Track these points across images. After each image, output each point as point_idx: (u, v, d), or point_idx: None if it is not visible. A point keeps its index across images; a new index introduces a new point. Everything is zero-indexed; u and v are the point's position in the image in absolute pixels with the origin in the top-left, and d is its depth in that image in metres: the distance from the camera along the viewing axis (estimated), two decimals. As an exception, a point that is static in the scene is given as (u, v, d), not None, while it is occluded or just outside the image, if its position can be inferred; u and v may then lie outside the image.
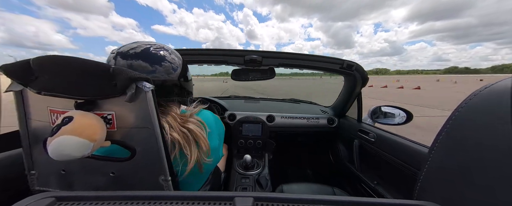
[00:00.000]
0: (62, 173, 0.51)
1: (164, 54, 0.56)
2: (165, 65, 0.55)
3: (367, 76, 1.16)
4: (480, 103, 0.32)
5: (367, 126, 1.21)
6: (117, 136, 0.46)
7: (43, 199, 0.28)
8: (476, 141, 0.31)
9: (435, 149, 0.37)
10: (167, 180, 0.47)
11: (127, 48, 0.53)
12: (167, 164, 0.47)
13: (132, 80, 0.41)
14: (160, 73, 0.54)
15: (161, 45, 0.59)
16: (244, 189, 1.04)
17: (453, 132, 0.35)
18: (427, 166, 0.37)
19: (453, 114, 0.35)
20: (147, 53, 0.53)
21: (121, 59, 0.51)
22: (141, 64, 0.52)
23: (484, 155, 0.29)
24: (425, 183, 0.38)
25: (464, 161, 0.32)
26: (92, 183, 0.51)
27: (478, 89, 0.33)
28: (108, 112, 0.45)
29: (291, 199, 0.29)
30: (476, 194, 0.29)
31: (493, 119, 0.29)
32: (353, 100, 1.36)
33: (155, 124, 0.44)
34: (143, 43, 0.56)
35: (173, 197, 0.29)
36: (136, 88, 0.42)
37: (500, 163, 0.27)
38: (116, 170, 0.48)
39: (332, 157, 1.61)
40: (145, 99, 0.43)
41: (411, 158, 0.84)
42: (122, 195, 0.29)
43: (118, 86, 0.41)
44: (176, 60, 0.59)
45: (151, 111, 0.43)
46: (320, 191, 1.06)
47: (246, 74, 1.17)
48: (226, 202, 0.28)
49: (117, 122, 0.45)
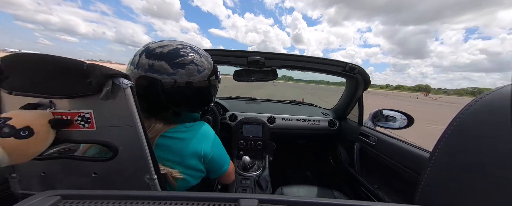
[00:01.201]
0: (43, 175, 0.49)
1: (194, 57, 0.54)
2: (190, 68, 0.53)
3: (370, 80, 1.16)
4: (481, 109, 0.32)
5: (368, 129, 1.21)
6: (97, 135, 0.44)
7: (49, 197, 0.28)
8: (477, 146, 0.31)
9: (436, 153, 0.37)
10: (153, 178, 0.46)
11: (156, 45, 0.52)
12: (152, 163, 0.45)
13: (108, 77, 0.39)
14: (180, 76, 0.52)
15: (192, 46, 0.57)
16: (244, 190, 1.04)
17: (454, 137, 0.35)
18: (428, 171, 0.37)
19: (454, 120, 0.35)
20: (175, 54, 0.52)
21: (144, 58, 0.50)
22: (163, 66, 0.50)
23: (485, 160, 0.29)
24: (426, 187, 0.38)
25: (465, 166, 0.32)
26: (74, 184, 0.50)
27: (479, 96, 0.33)
28: (85, 111, 0.43)
29: (294, 202, 0.29)
30: (477, 199, 0.29)
31: (494, 124, 0.29)
32: (354, 103, 1.36)
33: (137, 121, 0.42)
34: (175, 42, 0.55)
35: (179, 197, 0.29)
36: (112, 85, 0.40)
37: (501, 168, 0.27)
38: (99, 170, 0.47)
39: (333, 159, 1.61)
40: (123, 97, 0.41)
41: (412, 162, 0.84)
42: (127, 195, 0.29)
43: (93, 84, 0.39)
44: (205, 63, 0.57)
45: (131, 108, 0.41)
46: (320, 194, 1.06)
47: (248, 75, 1.17)
48: (231, 204, 0.28)
49: (96, 121, 0.43)
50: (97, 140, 0.45)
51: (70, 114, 0.43)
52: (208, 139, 0.61)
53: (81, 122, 0.43)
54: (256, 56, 1.05)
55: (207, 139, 0.61)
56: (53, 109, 0.43)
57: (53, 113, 0.43)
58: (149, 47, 0.52)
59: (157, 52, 0.51)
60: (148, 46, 0.53)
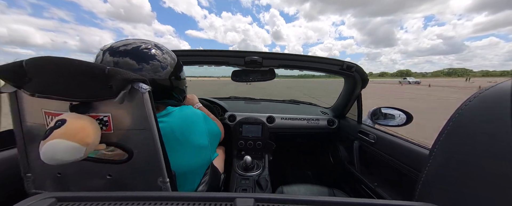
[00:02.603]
0: (58, 176, 0.50)
1: (155, 53, 0.55)
2: (154, 63, 0.54)
3: (367, 78, 1.16)
4: (480, 105, 0.32)
5: (367, 127, 1.21)
6: (114, 138, 0.45)
7: (44, 199, 0.28)
8: (475, 142, 0.31)
9: (435, 150, 0.37)
10: (166, 182, 0.47)
11: (119, 44, 0.53)
12: (165, 166, 0.46)
13: (128, 82, 0.40)
14: (147, 72, 0.53)
15: (155, 43, 0.58)
16: (244, 190, 1.04)
17: (453, 134, 0.35)
18: (428, 168, 0.37)
19: (454, 116, 0.35)
20: (137, 51, 0.53)
21: (108, 56, 0.51)
22: (128, 62, 0.50)
23: (484, 156, 0.29)
24: (425, 184, 0.37)
25: (464, 163, 0.32)
26: (89, 186, 0.50)
27: (478, 91, 0.33)
28: (104, 114, 0.44)
29: (292, 200, 0.29)
30: (476, 196, 0.29)
31: (493, 120, 0.29)
32: (353, 101, 1.36)
33: (152, 125, 0.43)
34: (137, 41, 0.55)
35: (174, 197, 0.29)
36: (131, 89, 0.41)
37: (500, 164, 0.27)
38: (113, 173, 0.48)
39: (332, 158, 1.60)
40: (141, 101, 0.42)
41: (412, 159, 0.84)
42: (122, 196, 0.29)
43: (114, 88, 0.40)
44: (167, 59, 0.58)
45: (148, 112, 0.42)
46: (320, 192, 1.06)
47: (246, 75, 1.17)
48: (227, 203, 0.28)
49: (113, 124, 0.44)
50: (114, 142, 0.45)
51: (90, 116, 0.44)
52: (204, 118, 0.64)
53: (99, 125, 0.44)
54: (254, 56, 1.05)
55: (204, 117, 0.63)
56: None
57: None
58: (113, 46, 0.52)
59: (121, 49, 0.51)
60: (111, 45, 0.53)
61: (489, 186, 0.28)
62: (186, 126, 0.57)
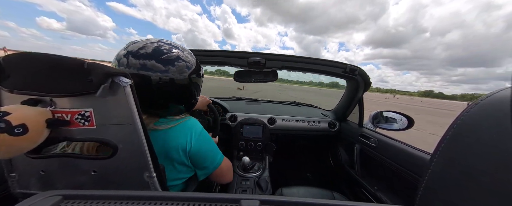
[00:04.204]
0: (42, 174, 0.49)
1: (178, 53, 0.56)
2: (179, 64, 0.55)
3: (370, 81, 1.16)
4: (481, 112, 0.32)
5: (368, 131, 1.21)
6: (97, 133, 0.44)
7: (51, 197, 0.28)
8: (476, 149, 0.31)
9: (437, 155, 0.37)
10: (152, 176, 0.46)
11: (136, 47, 0.53)
12: (151, 160, 0.45)
13: (109, 76, 0.40)
14: (173, 73, 0.53)
15: (169, 42, 0.58)
16: (244, 191, 1.03)
17: (454, 140, 0.35)
18: (429, 173, 0.37)
19: (455, 122, 0.35)
20: (160, 53, 0.53)
21: (133, 59, 0.51)
22: (155, 65, 0.51)
23: (485, 162, 0.29)
24: (426, 190, 0.38)
25: (465, 169, 0.32)
26: (73, 182, 0.49)
27: (480, 98, 0.34)
28: (85, 109, 0.43)
29: (296, 203, 0.29)
30: (478, 202, 0.29)
31: (494, 127, 0.29)
32: (354, 104, 1.36)
33: (136, 119, 0.43)
34: (150, 41, 0.55)
35: (180, 198, 0.29)
36: (112, 83, 0.40)
37: (501, 171, 0.27)
38: (98, 168, 0.47)
39: (333, 161, 1.60)
40: (123, 95, 0.41)
41: (413, 164, 0.84)
42: (129, 195, 0.29)
43: (94, 82, 0.39)
44: (190, 58, 0.59)
45: (131, 106, 0.42)
46: (320, 195, 1.06)
47: (249, 76, 1.17)
48: (232, 204, 0.28)
49: (96, 119, 0.43)
50: (97, 138, 0.45)
51: (70, 112, 0.43)
52: (192, 132, 0.61)
53: (81, 120, 0.43)
54: (257, 57, 1.05)
55: (191, 132, 0.60)
56: (53, 107, 0.43)
57: (53, 111, 0.43)
58: (132, 50, 0.52)
59: (142, 52, 0.52)
60: (130, 50, 0.53)
61: (490, 193, 0.28)
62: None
